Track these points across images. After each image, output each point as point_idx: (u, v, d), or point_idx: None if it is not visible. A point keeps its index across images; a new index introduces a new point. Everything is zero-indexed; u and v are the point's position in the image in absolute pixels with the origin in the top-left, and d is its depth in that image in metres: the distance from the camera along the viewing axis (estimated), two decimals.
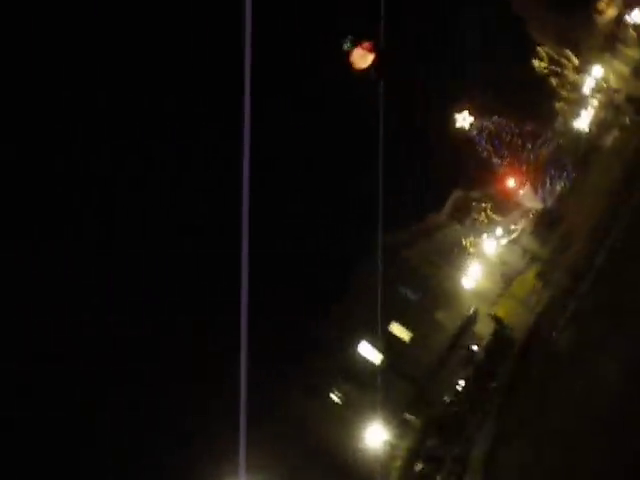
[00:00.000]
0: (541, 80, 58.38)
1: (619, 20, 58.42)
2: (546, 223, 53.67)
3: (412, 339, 51.85)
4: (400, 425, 45.52)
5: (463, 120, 58.17)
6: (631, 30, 57.21)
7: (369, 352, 51.74)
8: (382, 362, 51.12)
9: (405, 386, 48.89)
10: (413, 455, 40.02)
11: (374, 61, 58.31)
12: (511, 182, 57.32)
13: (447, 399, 44.68)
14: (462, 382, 44.49)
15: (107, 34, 59.66)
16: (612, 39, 58.26)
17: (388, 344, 50.83)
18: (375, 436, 44.55)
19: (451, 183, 60.06)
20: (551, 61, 59.11)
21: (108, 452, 54.98)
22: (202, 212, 60.98)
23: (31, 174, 59.19)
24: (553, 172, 56.83)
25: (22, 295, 57.08)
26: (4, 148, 57.15)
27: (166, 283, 59.62)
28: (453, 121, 58.17)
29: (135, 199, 61.48)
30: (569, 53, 59.39)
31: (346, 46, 58.71)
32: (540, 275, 46.96)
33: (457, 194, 59.05)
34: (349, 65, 58.35)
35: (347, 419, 48.87)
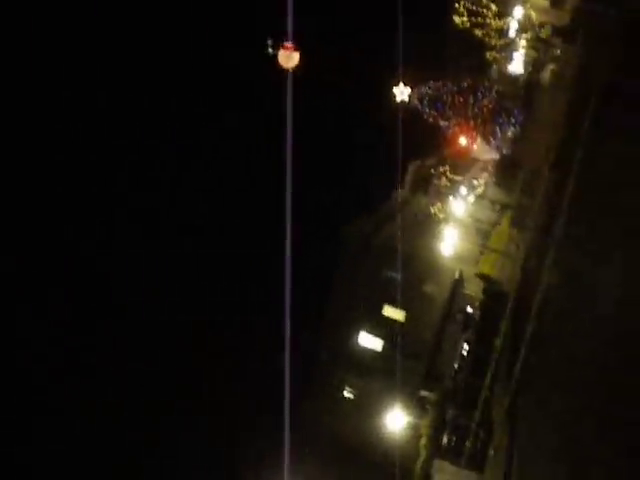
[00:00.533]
0: (466, 35, 58.43)
1: None
2: (506, 170, 53.64)
3: (407, 318, 51.79)
4: (418, 404, 45.44)
5: (401, 94, 57.97)
6: None
7: (370, 341, 51.71)
8: (384, 347, 51.13)
9: (412, 365, 48.85)
10: (436, 429, 39.89)
11: (300, 59, 58.22)
12: (463, 140, 57.30)
13: (455, 366, 44.61)
14: (465, 346, 44.41)
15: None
16: None
17: (386, 328, 50.89)
18: (395, 420, 44.44)
19: (406, 158, 60.03)
20: (471, 13, 59.14)
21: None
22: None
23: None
24: (501, 119, 56.89)
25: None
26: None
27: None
28: (392, 97, 57.99)
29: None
30: (486, 1, 59.48)
31: (270, 51, 58.59)
32: (514, 222, 46.93)
33: (414, 166, 59.09)
34: (278, 68, 58.22)
35: (363, 411, 48.82)
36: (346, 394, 52.15)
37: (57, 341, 56.58)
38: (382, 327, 51.29)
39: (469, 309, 48.22)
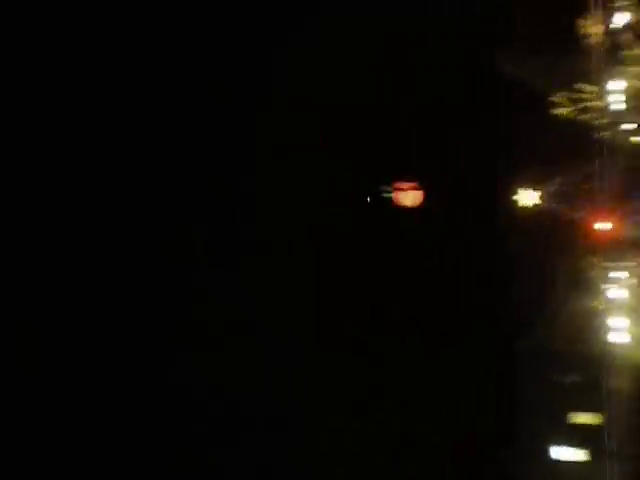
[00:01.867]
0: (572, 123, 58.11)
1: (607, 31, 58.50)
2: None
3: (603, 419, 49.92)
4: None
5: (532, 198, 57.94)
6: (626, 34, 57.17)
7: (568, 453, 50.08)
8: (590, 455, 49.36)
9: (625, 466, 46.81)
10: None
11: (423, 196, 59.40)
12: (604, 225, 56.21)
13: None
14: None
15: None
16: (613, 50, 58.18)
17: (584, 435, 49.28)
18: None
19: (555, 259, 59.22)
20: (572, 102, 59.03)
21: None
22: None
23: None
24: (635, 193, 55.77)
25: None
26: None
27: None
28: (521, 206, 57.97)
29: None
30: (583, 86, 59.35)
31: (387, 195, 60.17)
32: None
33: (565, 265, 58.14)
34: (399, 208, 59.55)
35: None
36: None
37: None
38: (579, 435, 49.56)
39: None
